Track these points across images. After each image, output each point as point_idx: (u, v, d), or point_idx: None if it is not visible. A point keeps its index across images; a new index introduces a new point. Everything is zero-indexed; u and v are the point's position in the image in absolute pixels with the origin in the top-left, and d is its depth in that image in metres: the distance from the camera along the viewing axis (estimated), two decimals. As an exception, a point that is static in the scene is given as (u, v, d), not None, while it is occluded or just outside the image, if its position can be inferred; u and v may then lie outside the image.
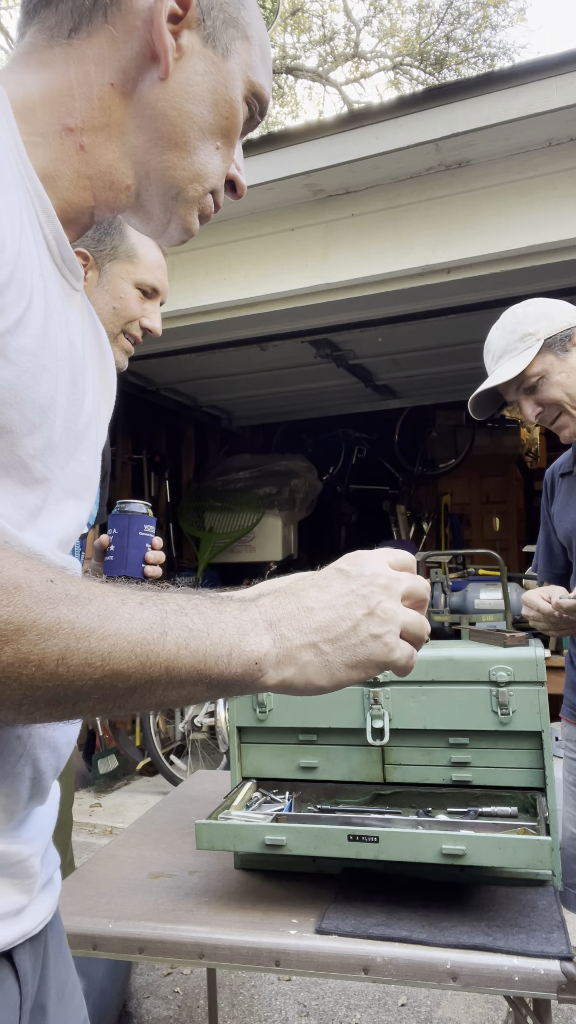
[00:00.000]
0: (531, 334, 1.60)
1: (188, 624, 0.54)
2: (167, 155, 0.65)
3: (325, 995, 2.49)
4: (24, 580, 0.48)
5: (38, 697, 0.49)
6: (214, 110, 0.66)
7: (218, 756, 4.60)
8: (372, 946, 1.12)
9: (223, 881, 1.38)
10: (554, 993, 1.04)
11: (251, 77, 0.69)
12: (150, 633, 0.52)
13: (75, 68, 0.63)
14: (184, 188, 0.67)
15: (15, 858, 0.61)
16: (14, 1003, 0.61)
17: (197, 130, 0.66)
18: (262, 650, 0.56)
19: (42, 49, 0.64)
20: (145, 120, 0.64)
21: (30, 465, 0.58)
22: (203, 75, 0.65)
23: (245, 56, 0.68)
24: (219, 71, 0.66)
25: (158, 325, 1.55)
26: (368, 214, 3.31)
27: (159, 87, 0.64)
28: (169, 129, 0.65)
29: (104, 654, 0.50)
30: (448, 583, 4.45)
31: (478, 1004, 2.39)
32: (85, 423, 0.69)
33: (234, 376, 5.41)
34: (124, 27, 0.63)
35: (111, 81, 0.63)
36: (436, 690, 1.35)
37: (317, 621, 0.58)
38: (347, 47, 12.92)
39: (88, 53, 0.63)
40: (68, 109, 0.63)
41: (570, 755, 1.78)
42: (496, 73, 2.83)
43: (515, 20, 18.96)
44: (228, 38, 0.66)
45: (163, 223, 0.70)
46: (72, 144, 0.63)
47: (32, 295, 0.57)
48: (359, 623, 0.59)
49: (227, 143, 0.69)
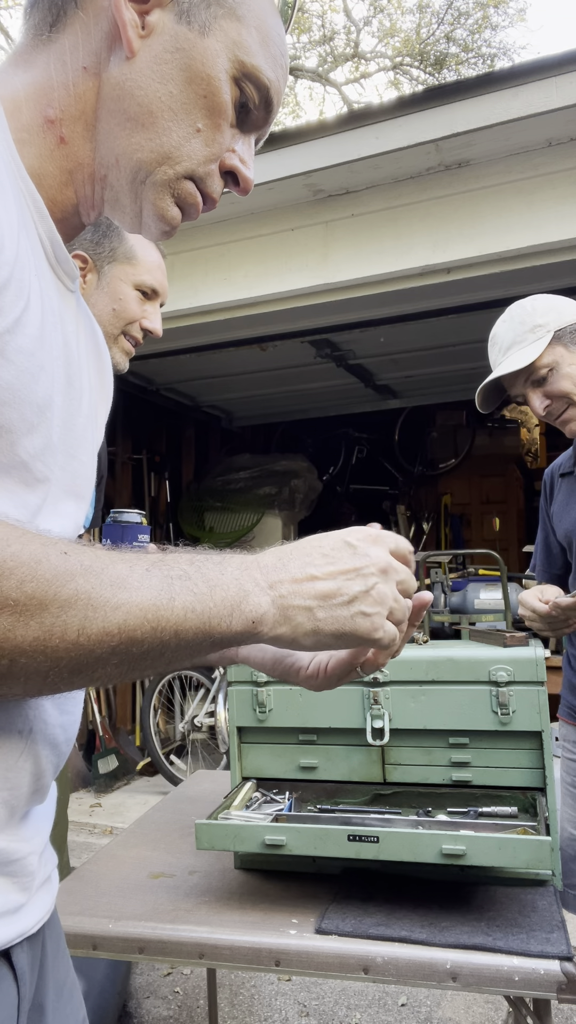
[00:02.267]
0: (541, 325, 1.59)
1: (193, 588, 0.56)
2: (134, 136, 0.63)
3: (325, 995, 2.49)
4: (43, 554, 0.49)
5: (62, 667, 0.51)
6: (188, 87, 0.63)
7: (218, 756, 4.60)
8: (372, 946, 1.12)
9: (223, 881, 1.38)
10: (554, 993, 1.04)
11: (241, 56, 0.64)
12: (159, 599, 0.53)
13: (54, 60, 0.63)
14: (151, 170, 0.64)
15: (13, 856, 0.61)
16: (12, 1002, 0.62)
17: (167, 109, 0.63)
18: (261, 610, 0.59)
19: (28, 49, 0.64)
20: (114, 102, 0.63)
21: (31, 465, 0.59)
22: (174, 52, 0.62)
23: (233, 35, 0.64)
24: (193, 47, 0.63)
25: (158, 326, 1.55)
26: (368, 214, 3.31)
27: (126, 66, 0.62)
28: (136, 109, 0.62)
29: (119, 623, 0.52)
30: (448, 583, 4.44)
31: (478, 1004, 2.39)
32: (83, 424, 0.69)
33: (234, 376, 5.41)
34: (93, 10, 0.63)
35: (84, 65, 0.63)
36: (436, 690, 1.35)
37: (317, 589, 0.61)
38: (347, 47, 12.92)
39: (65, 43, 0.63)
40: (48, 100, 0.63)
41: (568, 755, 1.78)
42: (496, 73, 2.83)
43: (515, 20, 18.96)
44: (208, 16, 0.63)
45: (135, 213, 0.66)
46: (53, 137, 0.63)
47: (29, 295, 0.57)
48: (355, 598, 0.61)
49: (211, 125, 0.64)
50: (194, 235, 3.54)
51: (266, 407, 6.58)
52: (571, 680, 1.79)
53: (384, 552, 0.64)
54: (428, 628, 1.74)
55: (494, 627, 1.76)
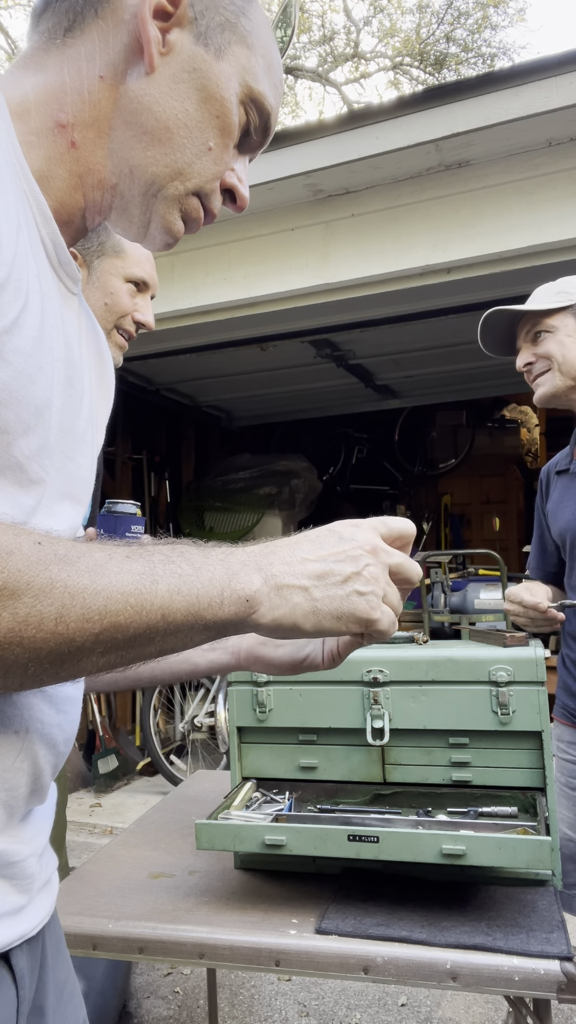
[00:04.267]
0: (568, 292, 1.69)
1: (176, 571, 0.55)
2: (150, 151, 0.64)
3: (325, 995, 2.49)
4: (15, 545, 0.49)
5: (42, 658, 0.50)
6: (203, 107, 0.65)
7: (218, 756, 4.60)
8: (372, 946, 1.12)
9: (223, 881, 1.38)
10: (554, 993, 1.04)
11: (249, 82, 0.68)
12: (141, 583, 0.53)
13: (68, 65, 0.63)
14: (164, 185, 0.66)
15: (13, 858, 0.61)
16: (11, 1005, 0.61)
17: (182, 126, 0.65)
18: (252, 587, 0.58)
19: (40, 52, 0.65)
20: (131, 114, 0.64)
21: (26, 466, 0.59)
22: (191, 72, 0.65)
23: (244, 61, 0.67)
24: (209, 69, 0.65)
25: (151, 318, 1.55)
26: (368, 214, 3.31)
27: (145, 81, 0.63)
28: (153, 123, 0.64)
29: (100, 608, 0.51)
30: (448, 583, 4.44)
31: (478, 1004, 2.39)
32: (83, 427, 0.69)
33: (234, 376, 5.41)
34: (114, 21, 0.63)
35: (100, 74, 0.63)
36: (436, 690, 1.35)
37: (309, 569, 0.60)
38: (347, 47, 12.92)
39: (80, 50, 0.63)
40: (60, 105, 0.63)
41: (562, 756, 1.78)
42: (496, 73, 2.83)
43: (515, 20, 18.97)
44: (223, 40, 0.66)
45: (143, 224, 0.68)
46: (64, 141, 0.63)
47: (28, 296, 0.57)
48: (348, 578, 0.61)
49: (221, 144, 0.67)
50: (194, 235, 3.54)
51: (266, 407, 6.58)
52: (565, 681, 1.80)
53: (370, 535, 0.64)
54: (428, 628, 1.74)
55: (494, 627, 1.76)
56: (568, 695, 1.78)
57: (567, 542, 1.76)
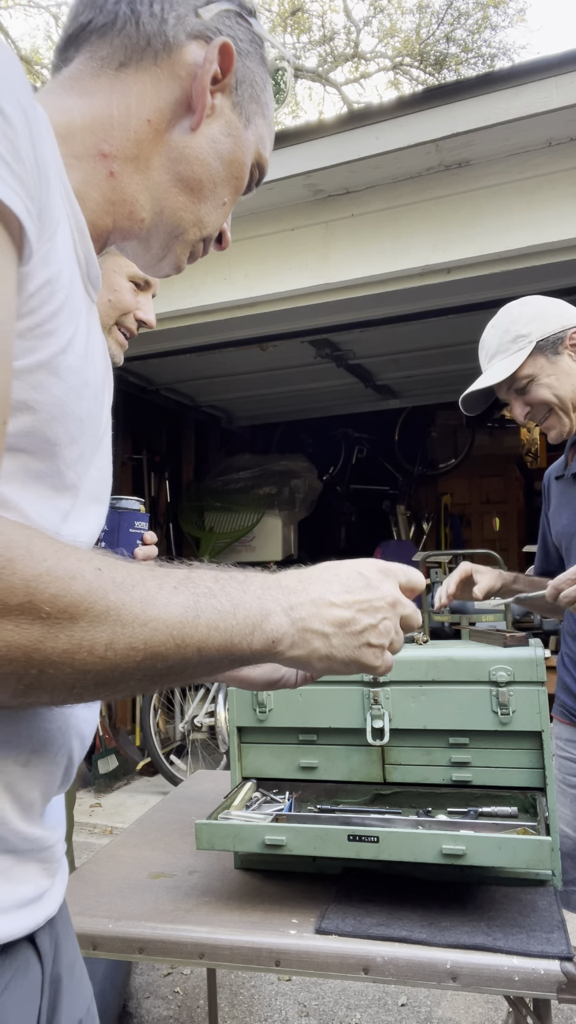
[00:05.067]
0: (524, 336, 1.62)
1: (217, 606, 0.58)
2: (181, 197, 0.72)
3: (325, 995, 2.49)
4: (78, 570, 0.51)
5: (88, 680, 0.52)
6: (228, 168, 0.73)
7: (218, 756, 4.60)
8: (372, 946, 1.12)
9: (223, 881, 1.38)
10: (554, 993, 1.04)
11: (261, 150, 0.77)
12: (185, 616, 0.56)
13: (118, 99, 0.68)
14: (186, 230, 0.74)
15: (45, 843, 0.65)
16: (36, 983, 0.65)
17: (211, 182, 0.72)
18: (280, 631, 0.62)
19: (88, 77, 0.69)
20: (170, 162, 0.70)
21: (65, 473, 0.62)
22: (227, 136, 0.72)
23: (261, 130, 0.76)
24: (240, 136, 0.73)
25: (152, 317, 1.55)
26: (368, 214, 3.31)
27: (188, 135, 0.70)
28: (189, 175, 0.71)
29: (146, 639, 0.54)
30: (448, 583, 4.44)
31: (478, 1004, 2.39)
32: (103, 430, 0.72)
33: (234, 376, 5.41)
34: (169, 73, 0.69)
35: (148, 118, 0.69)
36: (436, 690, 1.35)
37: (335, 616, 0.64)
38: (347, 47, 12.91)
39: (133, 88, 0.68)
40: (105, 136, 0.67)
41: (561, 754, 1.79)
42: (496, 73, 2.83)
43: (515, 20, 18.97)
44: (251, 111, 0.74)
45: (159, 257, 0.75)
46: (104, 169, 0.68)
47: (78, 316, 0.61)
48: (365, 629, 0.65)
49: (231, 200, 0.76)
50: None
51: (266, 407, 6.58)
52: (564, 679, 1.80)
53: (394, 587, 0.68)
54: (428, 628, 1.74)
55: (494, 627, 1.76)
56: (567, 694, 1.79)
57: (563, 545, 1.79)
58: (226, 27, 0.72)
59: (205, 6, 0.71)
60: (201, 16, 0.70)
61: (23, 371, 0.56)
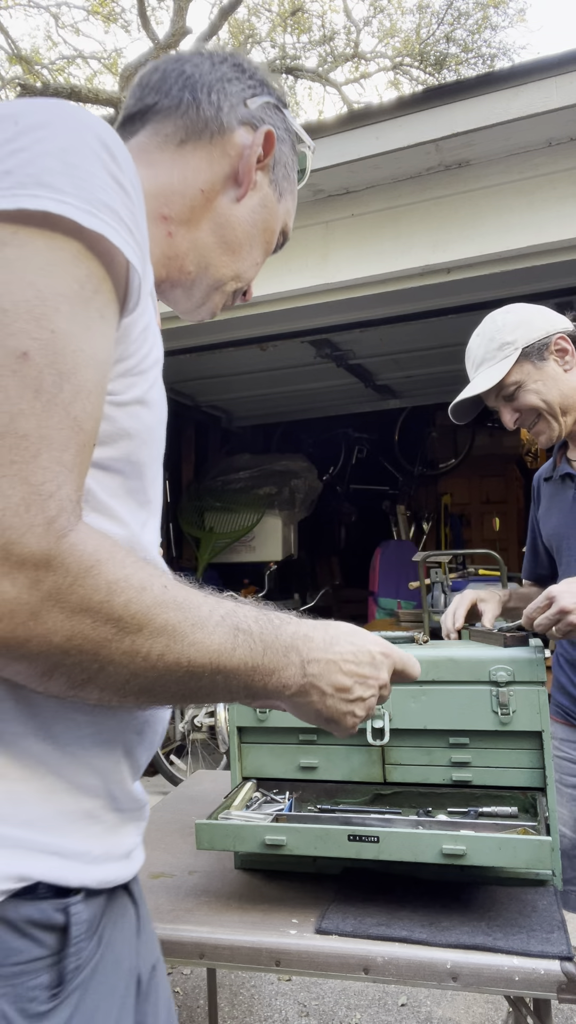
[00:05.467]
0: (509, 343, 1.63)
1: (251, 645, 0.66)
2: (224, 256, 0.85)
3: (325, 995, 2.49)
4: (149, 583, 0.59)
5: (136, 684, 0.60)
6: (263, 235, 0.88)
7: (218, 756, 4.60)
8: (372, 946, 1.12)
9: (223, 881, 1.38)
10: (554, 993, 1.04)
11: (287, 220, 0.93)
12: (224, 646, 0.64)
13: (178, 171, 0.81)
14: (225, 282, 0.87)
15: (141, 804, 0.76)
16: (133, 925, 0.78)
17: (248, 245, 0.87)
18: (293, 681, 0.71)
19: (153, 150, 0.82)
20: (217, 226, 0.83)
21: (147, 489, 0.73)
22: (263, 207, 0.87)
23: (288, 204, 0.92)
24: (274, 208, 0.88)
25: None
26: (368, 214, 3.31)
27: (233, 205, 0.84)
28: (232, 238, 0.85)
29: (191, 657, 0.61)
30: (448, 583, 4.44)
31: (478, 1004, 2.39)
32: None
33: (234, 376, 5.41)
34: (221, 151, 0.82)
35: (202, 188, 0.82)
36: (436, 690, 1.35)
37: (338, 681, 0.74)
38: (347, 47, 12.91)
39: (191, 162, 0.82)
40: (167, 201, 0.81)
41: (557, 754, 1.79)
42: (496, 73, 2.83)
43: (515, 20, 18.98)
44: (284, 188, 0.89)
45: (199, 304, 0.89)
46: (164, 230, 0.81)
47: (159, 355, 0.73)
48: (355, 700, 0.76)
49: (262, 260, 0.91)
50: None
51: (266, 407, 6.58)
52: (559, 680, 1.81)
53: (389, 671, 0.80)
54: (428, 628, 1.74)
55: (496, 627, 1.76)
56: (563, 694, 1.80)
57: (553, 546, 1.80)
58: (267, 116, 0.86)
59: (252, 98, 0.85)
60: (248, 106, 0.84)
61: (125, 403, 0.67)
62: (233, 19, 10.13)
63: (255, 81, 0.86)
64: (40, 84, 6.73)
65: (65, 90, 6.84)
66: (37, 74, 10.41)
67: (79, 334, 0.58)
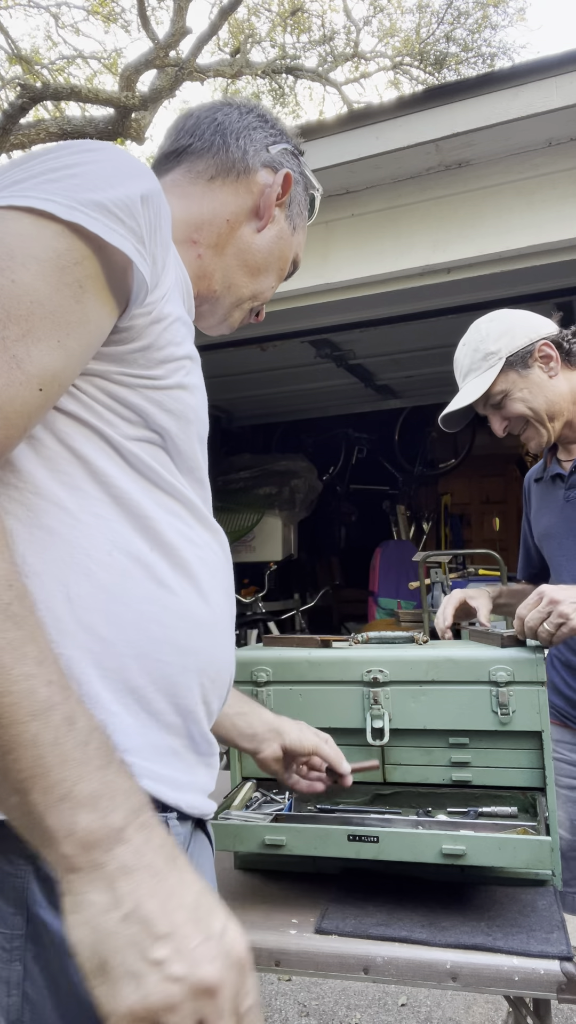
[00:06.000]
0: (493, 353, 1.64)
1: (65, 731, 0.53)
2: (245, 278, 0.98)
3: (325, 995, 2.49)
4: None
5: None
6: (278, 262, 1.01)
7: (218, 756, 4.59)
8: (372, 946, 1.12)
9: (223, 881, 1.38)
10: (554, 993, 1.04)
11: (298, 252, 1.06)
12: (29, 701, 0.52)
13: (208, 203, 0.94)
14: (244, 301, 1.00)
15: (214, 748, 0.83)
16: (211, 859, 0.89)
17: (265, 268, 0.99)
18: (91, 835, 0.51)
19: (186, 184, 0.95)
20: (240, 252, 0.96)
21: (202, 467, 0.83)
22: (279, 239, 1.00)
23: (300, 238, 1.06)
24: (288, 239, 1.02)
25: None
26: (368, 214, 3.31)
27: (255, 235, 0.97)
28: (252, 262, 0.98)
29: None
30: (448, 583, 4.44)
31: (478, 1004, 2.39)
32: None
33: (234, 376, 5.41)
34: (246, 188, 0.96)
35: (228, 218, 0.95)
36: (436, 690, 1.35)
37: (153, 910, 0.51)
38: (347, 47, 12.90)
39: (219, 196, 0.95)
40: (196, 228, 0.93)
41: (553, 756, 1.80)
42: (496, 73, 2.83)
43: (515, 20, 18.96)
44: (297, 223, 1.03)
45: (221, 319, 1.01)
46: (194, 253, 0.93)
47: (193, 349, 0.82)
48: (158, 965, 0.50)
49: (277, 283, 1.04)
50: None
51: (266, 407, 6.58)
52: (553, 680, 1.81)
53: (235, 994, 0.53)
54: (428, 628, 1.74)
55: (494, 627, 1.76)
56: (556, 695, 1.80)
57: (544, 548, 1.81)
58: (286, 161, 1.00)
59: (273, 144, 0.99)
60: (270, 152, 0.98)
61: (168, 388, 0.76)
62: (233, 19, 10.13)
63: (276, 131, 1.01)
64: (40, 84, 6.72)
65: (65, 90, 6.83)
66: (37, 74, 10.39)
67: (43, 291, 0.63)
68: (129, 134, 7.01)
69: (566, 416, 1.67)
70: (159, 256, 0.74)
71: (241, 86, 11.90)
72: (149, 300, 0.73)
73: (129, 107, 6.81)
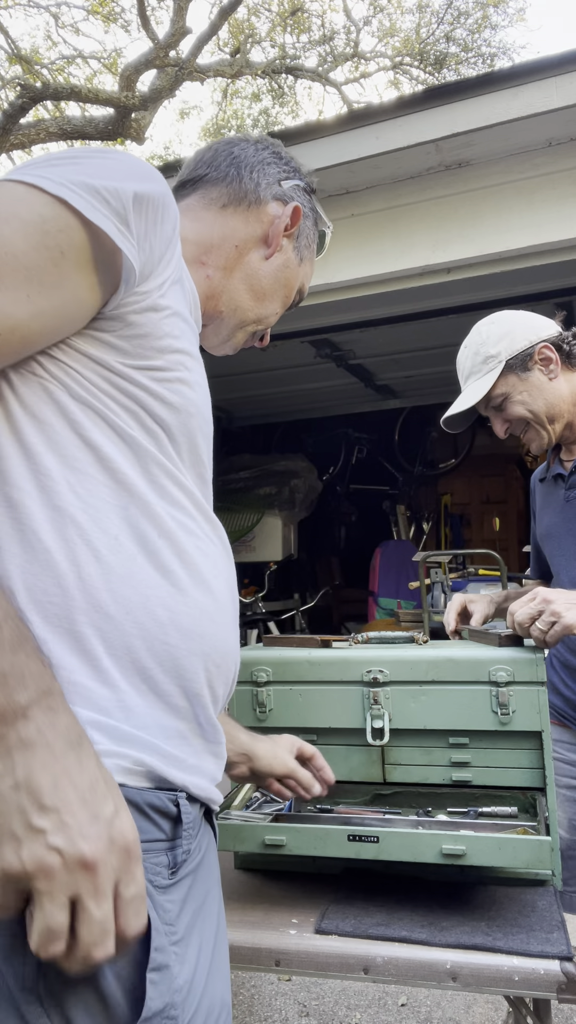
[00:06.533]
0: (493, 356, 1.65)
1: None
2: (250, 302, 1.03)
3: (325, 995, 2.49)
4: None
5: None
6: (283, 289, 1.06)
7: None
8: (372, 946, 1.12)
9: (223, 881, 1.38)
10: (554, 993, 1.04)
11: (304, 282, 1.10)
12: None
13: (219, 228, 0.99)
14: (249, 323, 1.04)
15: (221, 738, 0.83)
16: (215, 852, 0.89)
17: (271, 294, 1.04)
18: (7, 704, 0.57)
19: (200, 209, 1.00)
20: (247, 276, 1.01)
21: (205, 463, 0.87)
22: (286, 268, 1.04)
23: (307, 269, 1.10)
24: (294, 269, 1.06)
25: None
26: (368, 214, 3.31)
27: (262, 262, 1.02)
28: (259, 287, 1.02)
29: None
30: (448, 583, 4.44)
31: (478, 1004, 2.39)
32: None
33: (234, 376, 5.41)
34: (256, 217, 1.01)
35: (236, 244, 1.00)
36: (436, 690, 1.35)
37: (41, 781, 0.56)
38: (347, 47, 12.90)
39: (230, 223, 1.00)
40: (206, 251, 0.99)
41: (552, 755, 1.80)
42: (496, 73, 2.83)
43: (515, 20, 18.96)
44: (304, 255, 1.07)
45: (225, 340, 1.06)
46: (203, 273, 0.98)
47: (196, 349, 0.85)
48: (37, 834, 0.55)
49: (281, 310, 1.08)
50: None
51: (266, 407, 6.58)
52: (552, 680, 1.82)
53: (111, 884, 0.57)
54: (428, 628, 1.75)
55: (493, 627, 1.76)
56: (556, 695, 1.80)
57: (546, 547, 1.82)
58: (297, 195, 1.05)
59: (285, 180, 1.04)
60: (282, 186, 1.04)
61: (168, 380, 0.78)
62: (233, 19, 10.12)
63: (290, 168, 1.06)
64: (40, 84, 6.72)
65: (65, 90, 6.83)
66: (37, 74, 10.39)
67: (21, 247, 0.66)
68: (129, 134, 7.01)
69: (566, 418, 1.67)
70: (157, 247, 0.76)
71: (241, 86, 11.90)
72: (143, 288, 0.75)
73: (129, 107, 6.81)
